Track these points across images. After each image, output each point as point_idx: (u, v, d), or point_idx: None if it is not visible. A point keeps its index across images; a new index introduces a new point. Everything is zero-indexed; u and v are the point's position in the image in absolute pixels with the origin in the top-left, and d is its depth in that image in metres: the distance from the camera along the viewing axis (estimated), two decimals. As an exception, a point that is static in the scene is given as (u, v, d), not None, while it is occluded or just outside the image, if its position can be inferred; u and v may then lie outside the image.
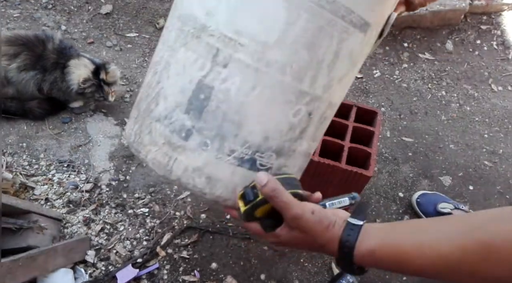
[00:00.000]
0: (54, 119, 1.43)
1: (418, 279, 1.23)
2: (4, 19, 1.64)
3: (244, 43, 0.57)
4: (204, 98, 0.59)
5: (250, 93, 0.59)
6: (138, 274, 1.14)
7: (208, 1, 0.59)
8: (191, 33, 0.60)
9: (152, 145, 0.64)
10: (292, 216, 0.57)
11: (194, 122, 0.60)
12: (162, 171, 0.63)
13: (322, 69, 0.61)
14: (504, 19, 1.95)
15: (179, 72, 0.61)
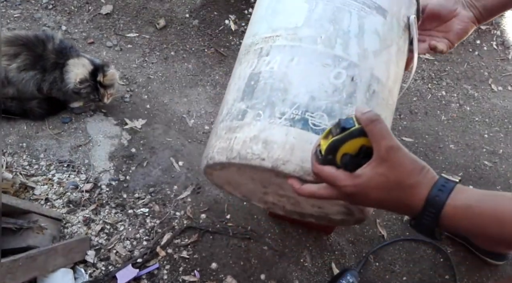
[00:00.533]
0: (54, 119, 1.43)
1: (418, 279, 1.24)
2: (4, 19, 1.64)
3: (279, 34, 0.72)
4: (254, 83, 0.70)
5: (289, 63, 0.69)
6: (138, 274, 1.14)
7: (252, 30, 0.77)
8: (243, 55, 0.76)
9: (218, 140, 0.70)
10: (390, 145, 0.53)
11: (248, 103, 0.69)
12: (224, 154, 0.67)
13: (351, 38, 0.71)
14: (504, 19, 1.95)
15: (236, 82, 0.74)
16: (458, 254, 1.28)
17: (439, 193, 0.52)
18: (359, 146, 0.57)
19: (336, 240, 1.27)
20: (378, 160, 0.54)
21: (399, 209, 0.56)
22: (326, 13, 0.71)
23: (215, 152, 0.70)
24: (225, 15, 1.79)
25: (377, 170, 0.54)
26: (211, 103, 1.55)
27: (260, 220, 1.29)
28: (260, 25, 0.77)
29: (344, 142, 0.57)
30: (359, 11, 0.72)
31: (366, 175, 0.55)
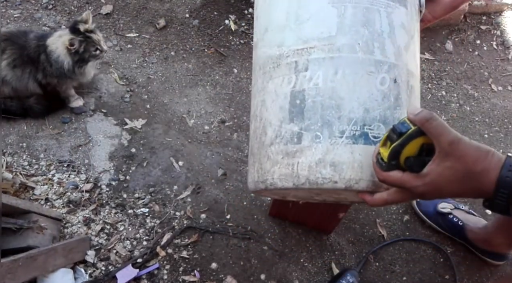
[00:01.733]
0: (54, 119, 1.43)
1: (418, 279, 1.23)
2: (4, 19, 1.64)
3: (314, 45, 0.69)
4: (300, 102, 0.68)
5: (334, 77, 0.67)
6: (138, 274, 1.14)
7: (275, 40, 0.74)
8: (272, 68, 0.73)
9: (274, 165, 0.69)
10: (450, 140, 0.54)
11: (300, 125, 0.67)
12: (290, 181, 0.67)
13: (385, 39, 0.71)
14: (504, 19, 1.95)
15: (273, 98, 0.72)
16: (458, 254, 1.28)
17: (509, 174, 0.53)
18: (419, 145, 0.58)
19: (336, 240, 1.27)
20: (442, 155, 0.55)
21: (472, 195, 0.57)
22: (357, 16, 0.70)
23: (276, 179, 0.69)
24: (225, 15, 1.79)
25: (444, 165, 0.55)
26: (211, 103, 1.55)
27: (260, 220, 1.29)
28: (284, 34, 0.73)
29: (404, 145, 0.58)
30: (386, 8, 0.71)
31: (434, 172, 0.56)
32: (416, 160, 0.58)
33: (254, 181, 0.76)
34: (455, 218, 1.25)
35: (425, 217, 1.31)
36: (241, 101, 1.56)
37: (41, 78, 1.35)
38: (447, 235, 1.30)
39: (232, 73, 1.64)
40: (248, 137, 1.46)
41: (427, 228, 1.32)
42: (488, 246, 1.21)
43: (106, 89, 1.53)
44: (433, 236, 1.31)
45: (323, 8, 0.70)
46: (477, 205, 1.39)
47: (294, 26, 0.71)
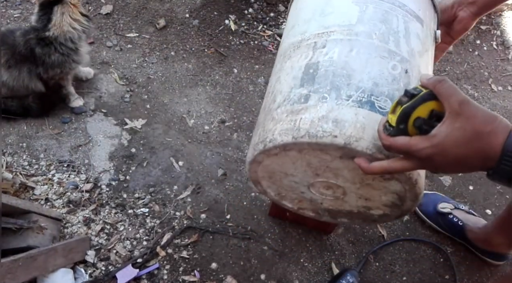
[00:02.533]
0: (54, 119, 1.43)
1: (418, 279, 1.24)
2: (4, 19, 1.64)
3: (334, 30, 0.76)
4: (313, 71, 0.73)
5: (349, 54, 0.73)
6: (138, 274, 1.14)
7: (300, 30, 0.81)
8: (292, 51, 0.80)
9: (277, 124, 0.71)
10: (461, 100, 0.54)
11: (310, 88, 0.71)
12: (290, 134, 0.68)
13: (400, 37, 0.77)
14: (504, 19, 1.95)
15: (288, 72, 0.77)
16: (458, 254, 1.28)
17: None
18: (429, 110, 0.58)
19: (336, 240, 1.27)
20: (452, 115, 0.55)
21: (478, 161, 0.55)
22: (376, 14, 0.78)
23: (276, 134, 0.70)
24: (225, 15, 1.79)
25: (454, 125, 0.54)
26: (211, 103, 1.55)
27: (260, 220, 1.29)
28: (308, 24, 0.81)
29: (415, 107, 0.58)
30: (404, 17, 0.79)
31: (443, 132, 0.55)
32: (426, 120, 0.58)
33: (253, 146, 0.76)
34: (455, 218, 1.25)
35: (425, 217, 1.31)
36: (241, 101, 1.56)
37: (43, 73, 1.33)
38: (447, 235, 1.30)
39: (232, 73, 1.64)
40: (249, 137, 1.46)
41: (427, 228, 1.32)
42: (488, 246, 1.21)
43: (106, 89, 1.53)
44: (433, 236, 1.31)
45: (347, 5, 0.79)
46: (477, 205, 1.39)
47: (319, 18, 0.80)
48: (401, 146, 0.58)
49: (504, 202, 1.41)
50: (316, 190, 0.85)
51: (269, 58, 1.70)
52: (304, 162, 0.76)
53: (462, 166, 0.57)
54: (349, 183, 0.79)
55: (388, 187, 0.79)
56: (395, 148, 0.59)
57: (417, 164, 0.59)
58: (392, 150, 0.61)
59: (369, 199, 0.84)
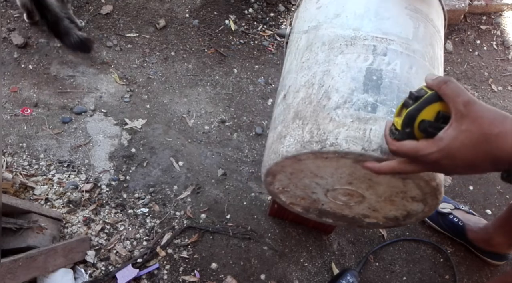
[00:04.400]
0: (54, 119, 1.43)
1: (418, 279, 1.23)
2: (4, 19, 1.64)
3: (393, 39, 0.76)
4: (377, 78, 0.72)
5: (410, 71, 0.74)
6: (138, 274, 1.14)
7: (351, 24, 0.80)
8: (343, 45, 0.77)
9: (340, 127, 0.69)
10: (466, 100, 0.52)
11: (376, 97, 0.70)
12: (360, 143, 0.67)
13: (440, 65, 0.81)
14: (504, 19, 1.95)
15: (344, 69, 0.74)
16: (458, 254, 1.28)
17: None
18: (435, 112, 0.56)
19: (336, 240, 1.27)
20: (458, 117, 0.52)
21: (488, 164, 0.53)
22: (426, 35, 0.80)
23: (341, 139, 0.67)
24: (225, 15, 1.79)
25: (460, 128, 0.52)
26: (211, 103, 1.55)
27: (260, 220, 1.29)
28: (361, 21, 0.79)
29: (420, 110, 0.56)
30: (439, 43, 0.84)
31: (449, 136, 0.53)
32: (432, 123, 0.56)
33: (301, 141, 0.71)
34: (455, 218, 1.25)
35: (425, 218, 1.31)
36: (241, 101, 1.56)
37: None
38: (447, 235, 1.30)
39: (232, 73, 1.64)
40: (249, 137, 1.46)
41: (427, 228, 1.32)
42: (488, 246, 1.21)
43: (106, 89, 1.53)
44: (433, 236, 1.31)
45: (402, 16, 0.80)
46: (477, 205, 1.39)
47: (374, 19, 0.79)
48: (408, 150, 0.57)
49: (504, 202, 1.41)
50: (332, 194, 0.84)
51: (269, 58, 1.70)
52: (348, 170, 0.73)
53: (471, 168, 0.55)
54: (375, 196, 0.79)
55: (407, 206, 0.79)
56: (402, 152, 0.58)
57: (425, 167, 0.58)
58: (399, 155, 0.59)
59: (377, 210, 0.84)
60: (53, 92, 1.49)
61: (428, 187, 0.71)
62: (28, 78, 1.52)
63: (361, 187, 0.77)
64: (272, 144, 0.78)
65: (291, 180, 0.84)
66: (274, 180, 0.85)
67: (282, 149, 0.74)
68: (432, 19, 0.84)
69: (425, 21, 0.82)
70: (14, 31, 1.61)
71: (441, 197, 0.74)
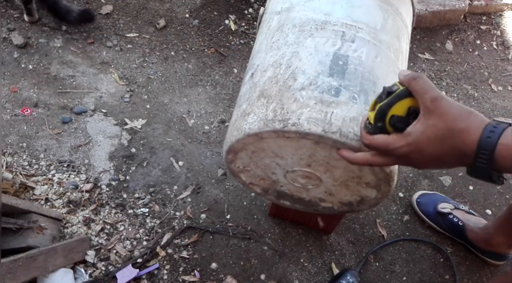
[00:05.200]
0: (54, 119, 1.43)
1: (418, 279, 1.23)
2: (4, 19, 1.64)
3: (362, 27, 0.78)
4: (342, 64, 0.73)
5: (375, 59, 0.75)
6: (138, 274, 1.14)
7: (323, 8, 0.81)
8: (314, 29, 0.79)
9: (303, 108, 0.69)
10: (434, 96, 0.54)
11: (340, 82, 0.71)
12: (321, 125, 0.68)
13: (404, 59, 0.82)
14: (504, 19, 1.95)
15: (312, 52, 0.75)
16: (458, 254, 1.28)
17: (491, 134, 0.51)
18: (406, 107, 0.58)
19: (336, 240, 1.27)
20: (425, 112, 0.55)
21: (454, 158, 0.55)
22: (394, 27, 0.82)
23: (303, 120, 0.68)
24: (225, 15, 1.79)
25: (427, 123, 0.54)
26: (211, 103, 1.55)
27: (260, 220, 1.29)
28: (333, 7, 0.81)
29: (391, 105, 0.58)
30: (406, 39, 0.85)
31: (416, 131, 0.55)
32: (401, 119, 0.58)
33: (264, 119, 0.71)
34: (455, 218, 1.25)
35: (425, 217, 1.31)
36: (241, 101, 1.56)
37: None
38: (447, 235, 1.30)
39: (232, 73, 1.64)
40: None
41: (427, 228, 1.32)
42: (488, 246, 1.21)
43: (106, 89, 1.53)
44: (433, 236, 1.31)
45: (373, 6, 0.82)
46: (477, 205, 1.39)
47: (345, 6, 0.81)
48: (378, 144, 0.59)
49: (504, 202, 1.41)
50: (291, 176, 0.84)
51: (269, 58, 1.70)
52: (308, 152, 0.74)
53: (439, 163, 0.57)
54: (331, 179, 0.80)
55: (361, 191, 0.81)
56: (373, 145, 0.60)
57: (396, 161, 0.60)
58: (371, 148, 0.62)
59: (333, 194, 0.86)
60: (53, 92, 1.49)
61: (382, 173, 0.73)
62: (28, 78, 1.52)
63: (319, 169, 0.79)
64: (236, 121, 0.78)
65: (252, 159, 0.83)
66: (235, 158, 0.84)
67: (245, 126, 0.74)
68: (401, 13, 0.86)
69: (394, 14, 0.84)
70: (14, 31, 1.61)
71: (393, 184, 0.76)
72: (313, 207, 0.95)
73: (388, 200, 1.37)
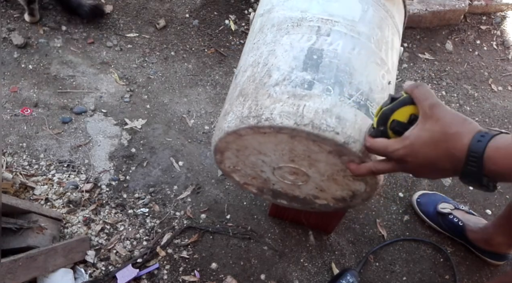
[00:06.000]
0: (54, 119, 1.43)
1: (418, 279, 1.23)
2: (4, 19, 1.64)
3: (338, 20, 0.78)
4: (317, 58, 0.73)
5: (352, 51, 0.75)
6: (138, 274, 1.14)
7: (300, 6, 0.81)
8: (290, 26, 0.79)
9: (276, 102, 0.70)
10: (432, 103, 0.57)
11: (314, 75, 0.71)
12: (293, 118, 0.68)
13: (388, 49, 0.81)
14: (504, 19, 1.95)
15: (287, 49, 0.76)
16: (458, 254, 1.28)
17: (481, 138, 0.53)
18: (408, 114, 0.61)
19: (336, 240, 1.27)
20: (423, 117, 0.57)
21: (447, 163, 0.56)
22: (375, 19, 0.81)
23: (276, 114, 0.68)
24: (225, 15, 1.79)
25: (423, 127, 0.57)
26: (211, 103, 1.55)
27: (260, 220, 1.29)
28: (310, 3, 0.81)
29: (394, 110, 0.61)
30: (392, 28, 0.84)
31: (414, 134, 0.58)
32: (401, 124, 0.61)
33: (240, 117, 0.72)
34: (455, 218, 1.25)
35: (425, 217, 1.31)
36: (241, 101, 1.56)
37: None
38: (447, 235, 1.30)
39: (232, 73, 1.64)
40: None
41: (427, 228, 1.32)
42: (488, 246, 1.21)
43: (106, 89, 1.53)
44: (433, 236, 1.31)
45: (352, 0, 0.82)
46: (477, 205, 1.39)
47: (322, 2, 0.81)
48: (378, 147, 0.62)
49: (504, 202, 1.41)
50: (279, 173, 0.85)
51: (269, 58, 1.70)
52: (287, 147, 0.75)
53: (434, 168, 0.59)
54: (318, 174, 0.80)
55: (350, 185, 0.81)
56: (374, 148, 0.63)
57: (396, 166, 0.62)
58: (372, 151, 0.64)
59: (324, 190, 0.86)
60: (53, 92, 1.49)
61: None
62: (28, 78, 1.52)
63: (303, 164, 0.79)
64: (219, 121, 0.80)
65: (238, 158, 0.85)
66: (223, 158, 0.86)
67: (224, 125, 0.76)
68: (384, 4, 0.86)
69: (375, 5, 0.83)
70: (14, 31, 1.61)
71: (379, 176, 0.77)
72: (309, 205, 0.95)
73: (388, 200, 1.37)
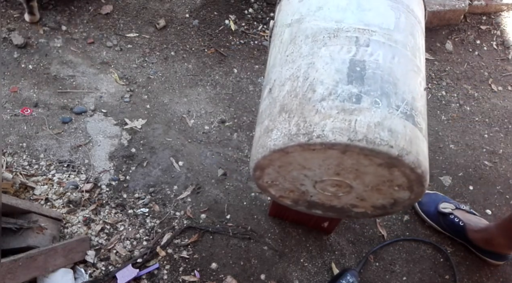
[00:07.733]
0: (54, 119, 1.43)
1: (418, 279, 1.23)
2: (4, 19, 1.64)
3: (375, 30, 0.78)
4: (360, 70, 0.73)
5: (392, 61, 0.75)
6: (138, 274, 1.14)
7: (333, 16, 0.81)
8: (327, 37, 0.78)
9: (325, 119, 0.69)
10: None
11: (360, 88, 0.71)
12: (346, 134, 0.67)
13: (421, 55, 0.82)
14: (504, 19, 1.95)
15: (328, 62, 0.75)
16: (458, 254, 1.28)
17: None
18: None
19: (336, 240, 1.27)
20: None
21: None
22: (407, 25, 0.81)
23: (327, 131, 0.67)
24: (225, 15, 1.79)
25: None
26: (211, 103, 1.55)
27: (260, 220, 1.29)
28: (344, 14, 0.81)
29: None
30: (421, 34, 0.85)
31: None
32: None
33: (288, 134, 0.71)
34: (456, 218, 1.25)
35: (425, 217, 1.31)
36: (241, 101, 1.56)
37: None
38: (447, 235, 1.30)
39: (232, 73, 1.64)
40: (249, 137, 1.46)
41: (427, 228, 1.32)
42: (488, 246, 1.21)
43: (106, 89, 1.53)
44: (433, 236, 1.31)
45: (383, 7, 0.82)
46: (477, 205, 1.39)
47: (356, 11, 0.81)
48: None
49: (504, 202, 1.41)
50: (321, 185, 0.84)
51: (269, 58, 1.70)
52: (336, 161, 0.74)
53: None
54: (362, 185, 0.79)
55: (393, 194, 0.80)
56: None
57: None
58: None
59: (365, 200, 0.85)
60: (53, 92, 1.49)
61: (414, 175, 0.72)
62: (28, 78, 1.52)
63: (348, 177, 0.78)
64: (260, 138, 0.78)
65: (279, 173, 0.84)
66: (263, 174, 0.85)
67: (269, 143, 0.74)
68: (413, 10, 0.86)
69: (406, 12, 0.83)
70: (14, 31, 1.61)
71: (426, 183, 0.76)
72: (345, 213, 0.94)
73: (388, 200, 1.37)
